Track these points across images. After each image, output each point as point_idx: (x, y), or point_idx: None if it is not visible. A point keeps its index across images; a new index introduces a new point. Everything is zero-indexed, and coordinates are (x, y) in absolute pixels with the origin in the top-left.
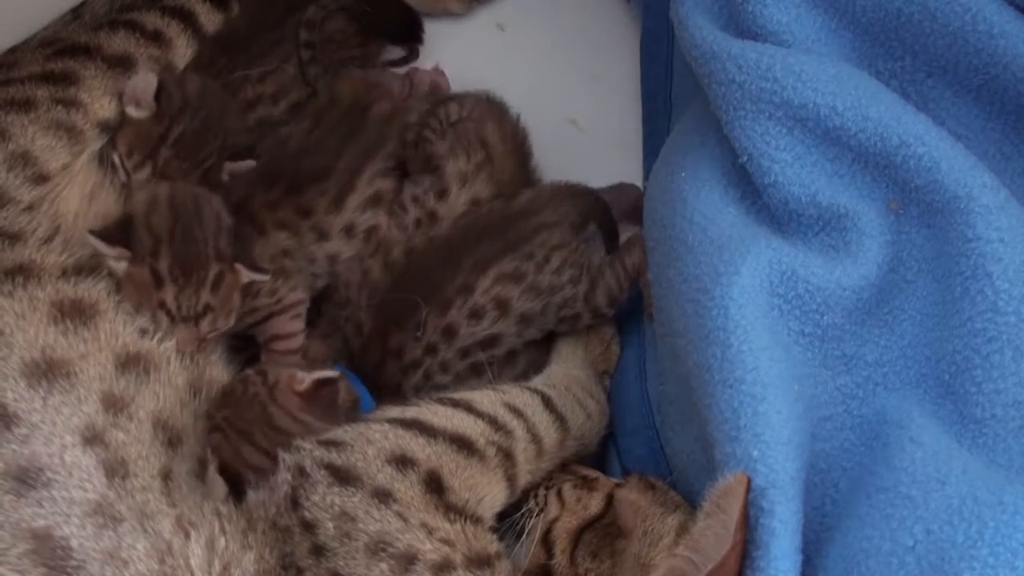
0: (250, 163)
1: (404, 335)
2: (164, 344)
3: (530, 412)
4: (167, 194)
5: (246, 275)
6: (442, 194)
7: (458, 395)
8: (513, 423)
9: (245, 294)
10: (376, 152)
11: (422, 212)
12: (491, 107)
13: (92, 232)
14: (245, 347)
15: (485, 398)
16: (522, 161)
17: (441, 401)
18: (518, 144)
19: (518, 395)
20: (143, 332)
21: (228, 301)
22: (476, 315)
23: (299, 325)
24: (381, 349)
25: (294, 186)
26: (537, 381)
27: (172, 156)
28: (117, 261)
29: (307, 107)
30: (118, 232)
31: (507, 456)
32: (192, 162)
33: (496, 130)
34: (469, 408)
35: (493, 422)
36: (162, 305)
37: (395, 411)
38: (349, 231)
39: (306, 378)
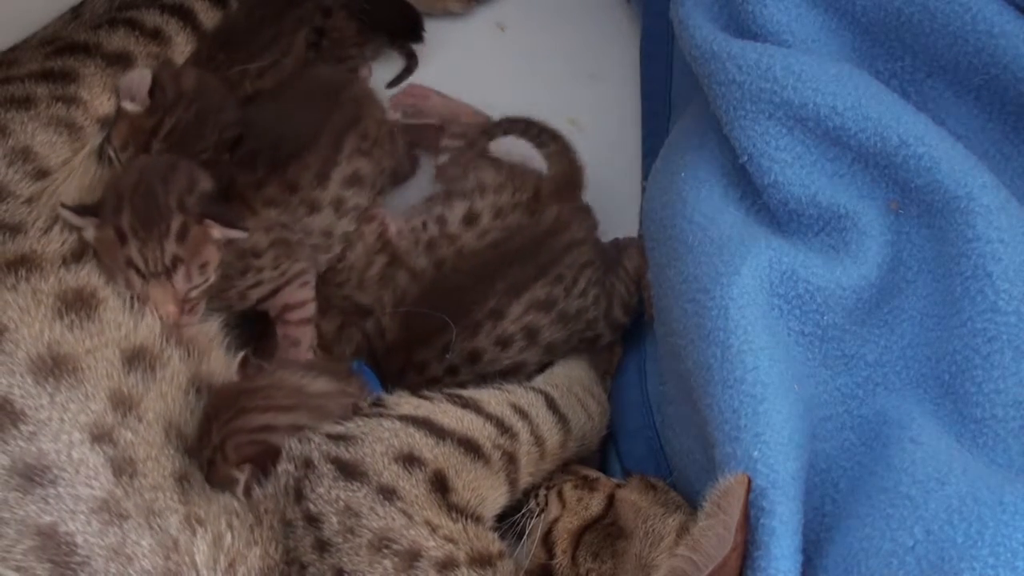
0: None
1: (429, 351)
2: (158, 326)
3: (534, 413)
4: (143, 161)
5: (219, 231)
6: (472, 220)
7: (467, 393)
8: (518, 425)
9: (246, 270)
10: (352, 128)
11: (442, 232)
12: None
13: (63, 205)
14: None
15: (493, 398)
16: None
17: (452, 400)
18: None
19: (523, 395)
20: (140, 314)
21: (199, 253)
22: (504, 343)
23: (309, 293)
24: (405, 360)
25: (276, 163)
26: (539, 381)
27: (164, 149)
28: (86, 230)
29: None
30: (91, 206)
31: (511, 460)
32: (186, 155)
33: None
34: (478, 409)
35: (500, 424)
36: (129, 262)
37: (407, 407)
38: (338, 206)
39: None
